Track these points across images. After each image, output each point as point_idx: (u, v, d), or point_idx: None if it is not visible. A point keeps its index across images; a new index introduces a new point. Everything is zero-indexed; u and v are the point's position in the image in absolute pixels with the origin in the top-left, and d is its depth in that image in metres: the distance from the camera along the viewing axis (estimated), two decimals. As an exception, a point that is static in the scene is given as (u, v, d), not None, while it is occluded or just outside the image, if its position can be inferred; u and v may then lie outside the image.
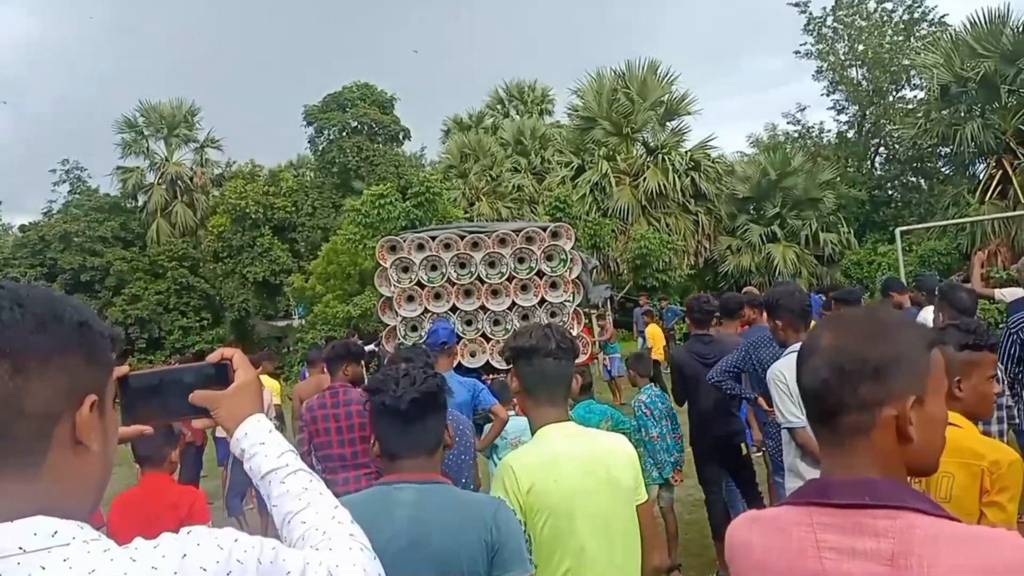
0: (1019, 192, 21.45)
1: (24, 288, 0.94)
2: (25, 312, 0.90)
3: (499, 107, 36.06)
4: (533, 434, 2.41)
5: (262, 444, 1.22)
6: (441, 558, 1.88)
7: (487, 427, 5.00)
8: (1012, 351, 4.63)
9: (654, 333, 14.14)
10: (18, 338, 0.89)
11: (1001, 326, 9.83)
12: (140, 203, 32.73)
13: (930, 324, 4.64)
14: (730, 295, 7.12)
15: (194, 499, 3.43)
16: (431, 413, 2.03)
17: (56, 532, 0.87)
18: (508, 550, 1.91)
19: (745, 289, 12.60)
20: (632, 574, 2.33)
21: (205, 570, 0.88)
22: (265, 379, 11.96)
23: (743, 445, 5.58)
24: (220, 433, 4.97)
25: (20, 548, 0.84)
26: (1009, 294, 6.34)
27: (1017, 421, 4.61)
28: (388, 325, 10.23)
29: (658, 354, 13.40)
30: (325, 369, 5.40)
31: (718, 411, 5.26)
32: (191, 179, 32.61)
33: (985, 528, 1.16)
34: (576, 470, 2.27)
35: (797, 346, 3.85)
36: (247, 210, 28.00)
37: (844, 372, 1.19)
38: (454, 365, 5.47)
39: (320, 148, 32.22)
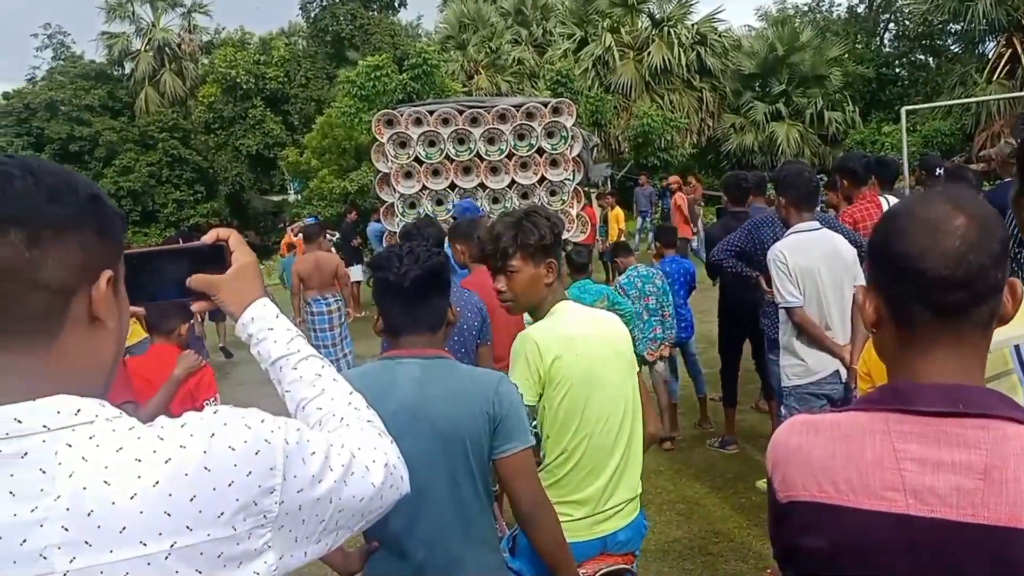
0: (1029, 72, 20.92)
1: (34, 160, 0.90)
2: (38, 182, 0.87)
3: (499, -27, 34.39)
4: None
5: (270, 329, 1.20)
6: (444, 430, 1.91)
7: None
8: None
9: (617, 216, 13.94)
10: (32, 207, 0.86)
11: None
12: (127, 71, 31.72)
13: None
14: (755, 172, 7.14)
15: (202, 372, 3.42)
16: (434, 291, 2.02)
17: (79, 410, 0.85)
18: (510, 422, 1.95)
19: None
20: (639, 440, 2.49)
21: (234, 449, 0.87)
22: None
23: None
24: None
25: (44, 426, 0.83)
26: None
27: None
28: (386, 202, 10.16)
29: (613, 236, 13.39)
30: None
31: (742, 280, 5.35)
32: (179, 46, 31.50)
33: None
34: (591, 344, 2.38)
35: (802, 226, 3.88)
36: (238, 80, 27.20)
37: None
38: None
39: (312, 15, 30.93)
